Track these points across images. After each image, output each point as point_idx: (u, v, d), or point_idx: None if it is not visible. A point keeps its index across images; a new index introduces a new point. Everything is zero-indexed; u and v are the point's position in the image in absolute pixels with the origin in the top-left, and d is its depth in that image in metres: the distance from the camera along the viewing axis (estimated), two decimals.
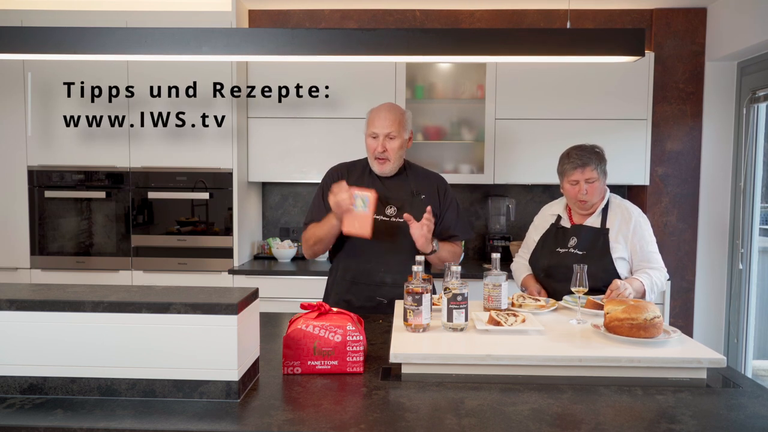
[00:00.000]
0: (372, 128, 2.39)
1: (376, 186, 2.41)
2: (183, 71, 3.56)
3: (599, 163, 2.43)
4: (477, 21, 3.97)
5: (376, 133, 2.38)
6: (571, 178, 2.44)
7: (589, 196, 2.42)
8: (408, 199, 2.43)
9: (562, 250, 2.47)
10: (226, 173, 3.63)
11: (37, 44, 1.95)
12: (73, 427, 1.34)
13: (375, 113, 2.42)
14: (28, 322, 1.51)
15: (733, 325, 3.82)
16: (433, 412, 1.43)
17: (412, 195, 2.44)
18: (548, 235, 2.56)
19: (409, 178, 2.49)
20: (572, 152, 2.47)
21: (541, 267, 2.53)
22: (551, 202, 2.70)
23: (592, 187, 2.41)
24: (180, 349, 1.50)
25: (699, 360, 1.69)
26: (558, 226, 2.55)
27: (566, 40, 1.96)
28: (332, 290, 2.54)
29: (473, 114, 3.93)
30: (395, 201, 2.42)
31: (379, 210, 2.37)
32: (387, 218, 2.40)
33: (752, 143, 3.66)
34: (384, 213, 2.40)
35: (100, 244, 3.67)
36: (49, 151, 3.64)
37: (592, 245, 2.42)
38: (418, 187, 2.47)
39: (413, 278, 1.94)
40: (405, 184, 2.47)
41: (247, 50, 1.96)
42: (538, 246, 2.58)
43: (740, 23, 3.47)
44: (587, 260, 2.37)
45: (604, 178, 2.45)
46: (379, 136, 2.37)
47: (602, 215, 2.46)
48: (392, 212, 2.40)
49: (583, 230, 2.46)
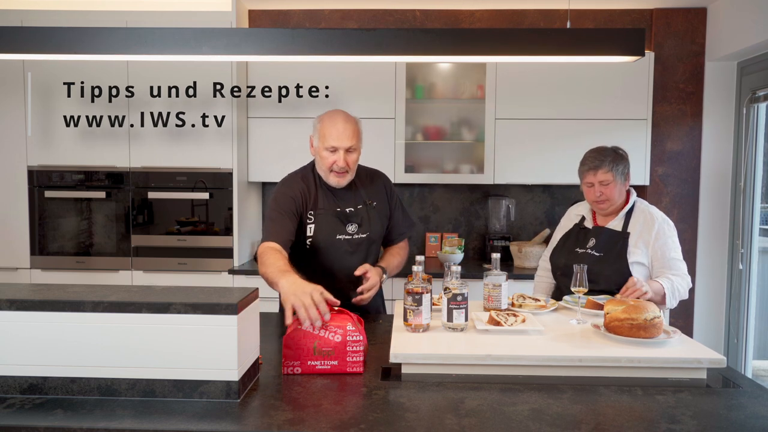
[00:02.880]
0: (330, 141, 2.22)
1: (329, 198, 2.31)
2: (183, 71, 3.56)
3: (615, 165, 2.40)
4: (477, 21, 3.97)
5: (335, 146, 2.22)
6: (586, 180, 2.45)
7: (605, 198, 2.42)
8: (364, 211, 2.35)
9: (580, 250, 2.47)
10: (226, 173, 3.63)
11: (37, 44, 1.96)
12: (73, 427, 1.34)
13: (330, 124, 2.24)
14: (28, 322, 1.51)
15: (733, 325, 3.81)
16: (433, 412, 1.43)
17: (366, 205, 2.36)
18: (570, 234, 2.57)
19: (358, 186, 2.38)
20: (589, 154, 2.47)
21: (558, 265, 2.53)
22: (578, 202, 2.70)
23: (607, 189, 2.41)
24: (180, 349, 1.50)
25: (699, 360, 1.69)
26: (581, 226, 2.55)
27: (566, 40, 1.96)
28: None
29: (473, 114, 3.93)
30: (354, 216, 2.33)
31: (340, 230, 2.30)
32: (350, 236, 2.31)
33: (752, 143, 3.66)
34: (346, 232, 2.31)
35: (100, 244, 3.67)
36: (49, 151, 3.64)
37: (610, 247, 2.41)
38: (368, 194, 2.38)
39: (413, 278, 1.94)
40: (356, 194, 2.36)
41: (247, 50, 1.96)
42: (559, 244, 2.59)
43: (740, 23, 3.47)
44: (603, 262, 2.38)
45: (622, 180, 2.43)
46: (339, 150, 2.22)
47: (625, 219, 2.45)
48: (353, 229, 2.32)
49: (603, 232, 2.46)
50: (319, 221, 2.28)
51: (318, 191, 2.32)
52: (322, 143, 2.25)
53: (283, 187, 2.32)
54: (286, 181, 2.36)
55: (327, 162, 2.25)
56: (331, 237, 2.29)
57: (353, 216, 2.32)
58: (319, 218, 2.28)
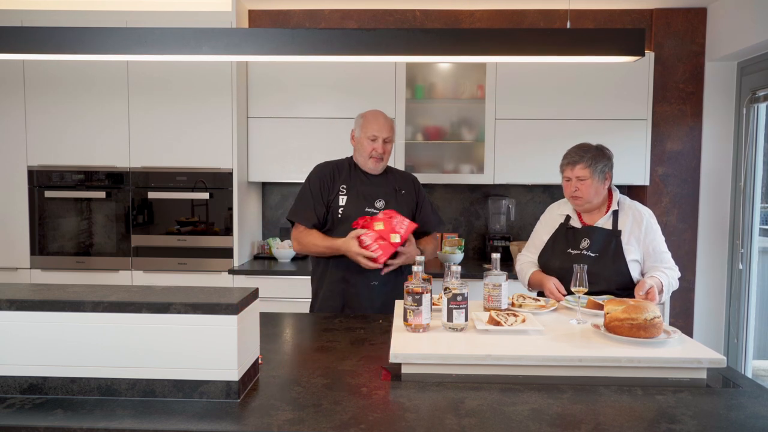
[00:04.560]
0: (372, 131, 2.60)
1: (363, 182, 2.64)
2: (183, 71, 3.56)
3: (594, 162, 2.40)
4: (477, 21, 3.97)
5: (376, 135, 2.59)
6: (564, 175, 2.46)
7: (580, 194, 2.41)
8: (392, 194, 2.65)
9: (574, 251, 2.45)
10: (226, 173, 3.63)
11: (37, 44, 1.96)
12: (73, 427, 1.34)
13: (372, 118, 2.63)
14: (28, 322, 1.51)
15: (733, 325, 3.82)
16: (433, 412, 1.43)
17: (395, 191, 2.67)
18: (558, 235, 2.54)
19: (390, 176, 2.71)
20: (571, 150, 2.47)
21: (553, 269, 2.49)
22: (559, 200, 2.67)
23: (582, 185, 2.40)
24: (180, 349, 1.50)
25: (699, 360, 1.69)
26: (568, 226, 2.52)
27: (566, 40, 1.96)
28: (325, 282, 2.62)
29: (473, 114, 3.93)
30: (383, 195, 2.64)
31: (369, 203, 2.60)
32: (376, 211, 2.58)
33: (752, 143, 3.66)
34: (374, 206, 2.60)
35: (100, 244, 3.67)
36: (49, 151, 3.64)
37: (606, 247, 2.40)
38: (398, 184, 2.70)
39: (413, 278, 1.94)
40: (388, 181, 2.69)
41: (247, 50, 1.96)
42: (548, 246, 2.55)
43: (740, 23, 3.47)
44: (601, 262, 2.37)
45: (600, 177, 2.42)
46: (378, 139, 2.59)
47: (614, 217, 2.45)
48: (381, 205, 2.61)
49: (595, 232, 2.45)
50: (350, 195, 2.60)
51: (351, 173, 2.66)
52: (365, 133, 2.61)
53: (314, 171, 2.69)
54: (319, 166, 2.71)
55: (367, 149, 2.60)
56: (360, 209, 2.58)
57: (381, 195, 2.64)
58: (351, 192, 2.60)
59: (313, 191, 2.61)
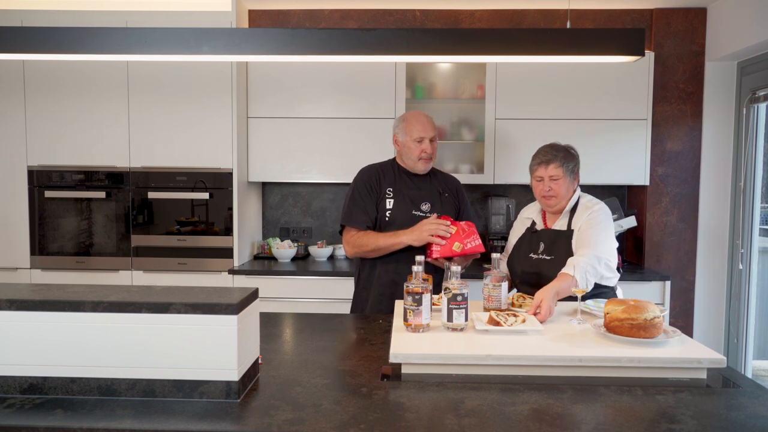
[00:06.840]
0: (418, 133, 2.60)
1: (409, 185, 2.67)
2: (183, 71, 3.56)
3: (566, 161, 2.40)
4: (477, 21, 3.97)
5: (422, 136, 2.60)
6: (536, 175, 2.44)
7: (553, 194, 2.41)
8: (437, 197, 2.68)
9: (534, 256, 2.45)
10: (226, 173, 3.63)
11: (37, 44, 1.96)
12: (73, 427, 1.34)
13: (414, 119, 2.63)
14: (28, 322, 1.51)
15: (733, 325, 3.81)
16: (433, 412, 1.43)
17: (440, 193, 2.69)
18: (523, 239, 2.53)
19: (434, 179, 2.73)
20: (541, 149, 2.47)
21: (516, 273, 2.50)
22: (529, 204, 2.67)
23: (556, 184, 2.39)
24: (180, 349, 1.50)
25: (699, 360, 1.69)
26: (532, 230, 2.52)
27: (566, 40, 1.96)
28: (373, 286, 2.63)
29: (473, 114, 3.93)
30: (428, 198, 2.67)
31: (415, 206, 2.64)
32: (423, 214, 2.62)
33: (752, 143, 3.66)
34: (420, 209, 2.64)
35: (100, 244, 3.67)
36: (49, 151, 3.64)
37: (558, 249, 2.39)
38: (442, 186, 2.72)
39: (413, 278, 1.95)
40: (431, 183, 2.71)
41: (247, 50, 1.96)
42: (513, 251, 2.56)
43: (740, 23, 3.47)
44: (554, 265, 2.33)
45: (571, 177, 2.42)
46: (425, 139, 2.60)
47: (569, 217, 2.43)
48: (427, 208, 2.64)
49: (550, 234, 2.44)
50: (397, 198, 2.63)
51: (397, 176, 2.69)
52: (410, 136, 2.62)
53: (360, 174, 2.71)
54: (364, 169, 2.74)
55: (415, 152, 2.62)
56: (407, 212, 2.61)
57: (427, 197, 2.66)
58: (397, 195, 2.64)
59: (362, 194, 2.63)
